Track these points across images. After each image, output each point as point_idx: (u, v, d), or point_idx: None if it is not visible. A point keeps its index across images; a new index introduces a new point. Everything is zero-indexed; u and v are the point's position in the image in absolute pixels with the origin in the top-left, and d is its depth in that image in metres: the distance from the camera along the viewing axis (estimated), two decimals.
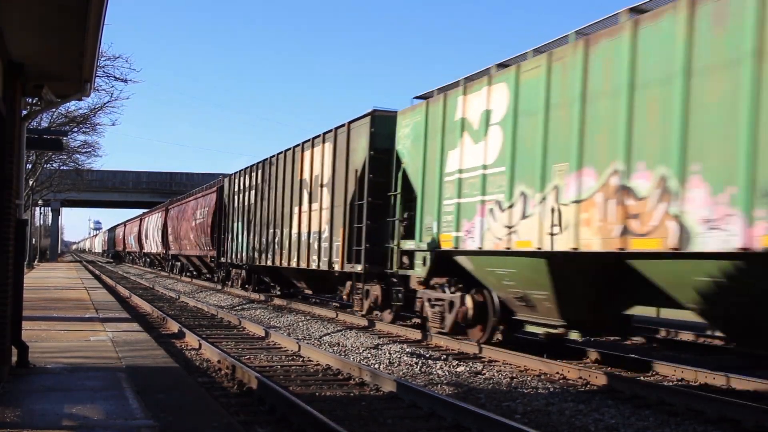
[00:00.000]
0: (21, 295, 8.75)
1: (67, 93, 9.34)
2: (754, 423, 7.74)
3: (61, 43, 7.24)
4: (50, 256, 75.50)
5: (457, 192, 12.45)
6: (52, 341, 11.23)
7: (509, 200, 11.14)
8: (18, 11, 6.37)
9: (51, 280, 31.27)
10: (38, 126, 23.25)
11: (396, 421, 7.85)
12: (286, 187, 21.69)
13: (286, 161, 21.82)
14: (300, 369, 11.04)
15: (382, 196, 15.47)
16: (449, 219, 12.67)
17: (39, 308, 16.44)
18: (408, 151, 14.32)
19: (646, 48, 9.00)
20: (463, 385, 9.85)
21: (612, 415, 8.16)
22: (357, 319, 16.91)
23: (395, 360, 11.75)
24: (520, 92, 11.10)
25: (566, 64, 10.19)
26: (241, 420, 7.41)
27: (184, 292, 28.82)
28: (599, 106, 9.62)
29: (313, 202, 19.40)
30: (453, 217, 12.53)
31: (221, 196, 30.50)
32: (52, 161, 39.05)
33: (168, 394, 7.53)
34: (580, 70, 9.91)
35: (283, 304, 22.01)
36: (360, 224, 16.21)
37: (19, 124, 8.38)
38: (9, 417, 6.38)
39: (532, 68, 10.86)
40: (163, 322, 17.22)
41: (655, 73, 8.85)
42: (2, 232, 7.97)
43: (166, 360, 9.91)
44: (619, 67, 9.33)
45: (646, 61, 8.99)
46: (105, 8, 6.20)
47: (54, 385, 7.84)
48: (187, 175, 75.89)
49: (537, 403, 8.80)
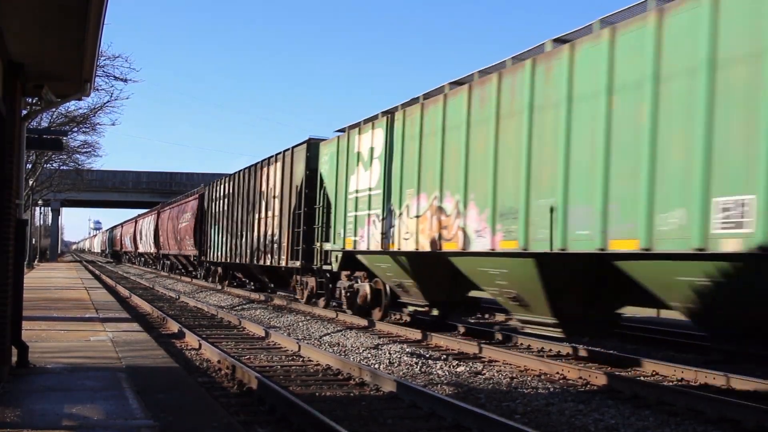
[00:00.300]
0: (21, 295, 8.75)
1: (67, 93, 9.34)
2: (754, 423, 7.74)
3: (61, 43, 7.24)
4: (50, 256, 75.52)
5: (354, 207, 16.43)
6: (52, 341, 11.24)
7: (383, 214, 15.11)
8: (18, 11, 6.37)
9: (51, 280, 31.28)
10: (38, 126, 23.24)
11: (396, 421, 7.85)
12: (250, 197, 25.69)
13: (250, 175, 25.88)
14: (300, 369, 11.04)
15: (314, 207, 19.42)
16: (351, 227, 16.57)
17: (39, 308, 16.45)
18: (327, 174, 18.27)
19: (452, 108, 12.80)
20: (463, 385, 9.85)
21: (612, 415, 8.16)
22: (357, 319, 16.95)
23: (395, 360, 11.76)
24: (390, 136, 14.95)
25: (413, 118, 14.10)
26: (241, 420, 7.42)
27: (184, 292, 28.82)
28: (428, 148, 13.47)
29: (268, 210, 23.27)
30: (353, 225, 16.47)
31: (203, 202, 34.29)
32: (52, 161, 39.04)
33: (168, 394, 7.53)
34: (418, 125, 13.84)
35: (283, 304, 22.03)
36: (298, 229, 20.06)
37: (19, 124, 8.39)
38: (9, 417, 6.38)
39: (396, 119, 14.67)
40: (163, 322, 17.22)
41: (453, 124, 12.68)
42: (2, 232, 7.97)
43: (166, 360, 9.91)
44: (436, 119, 13.20)
45: (453, 116, 12.76)
46: (105, 8, 6.20)
47: (54, 385, 7.84)
48: (187, 175, 75.85)
49: (537, 403, 8.80)
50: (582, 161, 9.77)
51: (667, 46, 8.67)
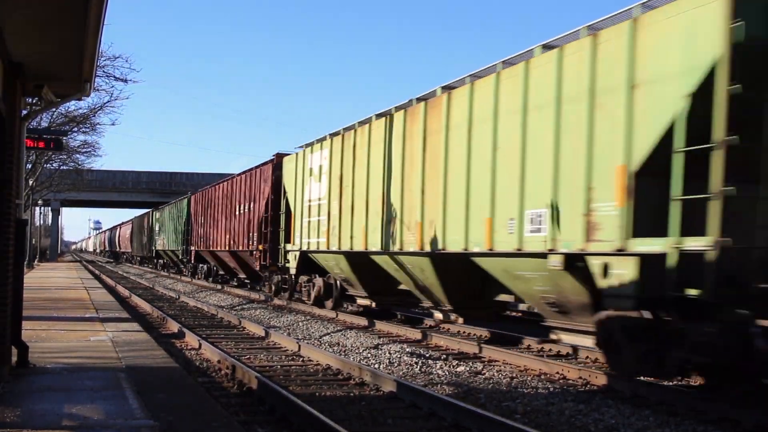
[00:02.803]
0: (21, 295, 8.76)
1: (67, 93, 9.35)
2: (754, 423, 7.74)
3: (61, 43, 7.25)
4: (50, 255, 75.48)
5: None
6: (52, 341, 11.24)
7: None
8: (18, 11, 6.37)
9: (51, 279, 31.29)
10: (38, 126, 23.23)
11: (396, 421, 7.86)
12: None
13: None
14: (300, 369, 11.04)
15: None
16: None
17: (39, 308, 16.45)
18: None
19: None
20: (463, 385, 9.85)
21: (612, 415, 8.16)
22: (357, 318, 16.98)
23: (395, 360, 11.76)
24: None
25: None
26: (241, 420, 7.42)
27: (183, 292, 28.83)
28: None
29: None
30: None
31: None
32: (52, 161, 39.03)
33: (168, 394, 7.54)
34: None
35: (283, 304, 22.04)
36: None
37: (19, 124, 8.39)
38: (9, 417, 6.38)
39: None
40: (163, 322, 17.22)
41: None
42: (2, 232, 7.97)
43: (166, 360, 9.92)
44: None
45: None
46: (105, 8, 6.21)
47: (54, 385, 7.84)
48: (187, 175, 75.78)
49: (537, 403, 8.80)
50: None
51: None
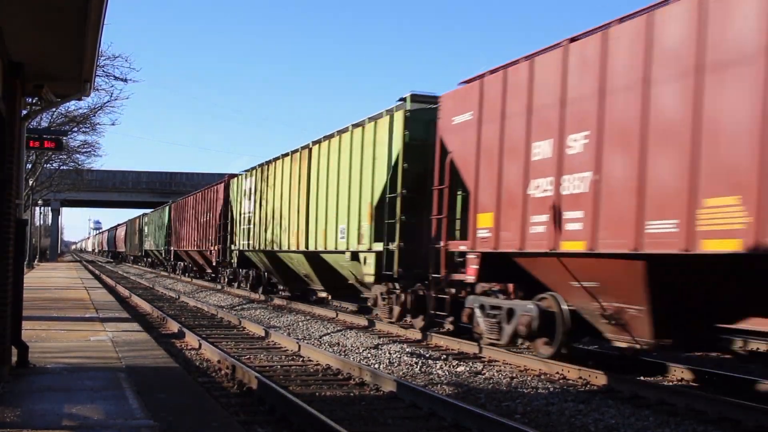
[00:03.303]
0: (21, 295, 8.76)
1: (67, 93, 9.34)
2: (754, 423, 7.74)
3: (61, 43, 7.25)
4: (50, 255, 75.45)
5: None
6: (52, 341, 11.24)
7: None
8: (18, 11, 6.37)
9: (51, 279, 31.29)
10: (38, 126, 23.22)
11: (396, 421, 7.86)
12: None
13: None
14: (300, 369, 11.04)
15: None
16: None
17: (39, 308, 16.44)
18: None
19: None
20: (463, 385, 9.85)
21: (612, 415, 8.16)
22: (357, 318, 16.98)
23: (395, 360, 11.76)
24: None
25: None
26: (241, 420, 7.42)
27: (183, 292, 28.83)
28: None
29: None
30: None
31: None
32: (52, 161, 38.99)
33: (168, 394, 7.54)
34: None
35: (283, 304, 22.05)
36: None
37: (19, 124, 8.39)
38: (9, 417, 6.38)
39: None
40: (163, 322, 17.22)
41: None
42: (2, 232, 7.97)
43: (166, 360, 9.92)
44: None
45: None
46: (105, 8, 6.21)
47: (54, 385, 7.84)
48: (187, 175, 75.75)
49: (537, 403, 8.80)
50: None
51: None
